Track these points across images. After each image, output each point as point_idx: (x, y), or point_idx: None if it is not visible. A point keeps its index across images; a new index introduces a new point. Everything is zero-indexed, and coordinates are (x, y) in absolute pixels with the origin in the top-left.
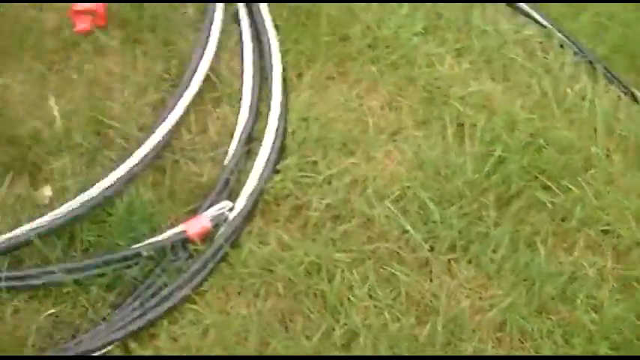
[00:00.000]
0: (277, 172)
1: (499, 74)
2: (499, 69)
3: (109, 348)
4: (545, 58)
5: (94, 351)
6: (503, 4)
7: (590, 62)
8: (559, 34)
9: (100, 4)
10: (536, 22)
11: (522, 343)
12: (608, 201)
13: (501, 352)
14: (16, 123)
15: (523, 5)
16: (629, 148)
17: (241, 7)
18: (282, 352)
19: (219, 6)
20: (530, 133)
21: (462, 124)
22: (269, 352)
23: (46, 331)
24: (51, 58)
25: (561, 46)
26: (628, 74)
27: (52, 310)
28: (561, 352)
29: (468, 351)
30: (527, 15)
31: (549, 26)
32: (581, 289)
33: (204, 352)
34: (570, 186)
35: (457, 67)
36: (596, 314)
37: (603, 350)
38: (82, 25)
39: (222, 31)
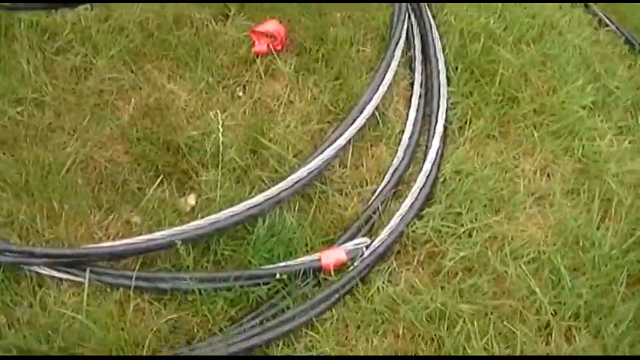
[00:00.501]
0: (421, 217)
1: None
2: None
3: None
4: None
5: None
6: None
7: None
8: None
9: (282, 29)
10: None
11: None
12: None
13: None
14: (175, 130)
15: None
16: None
17: (417, 56)
18: None
19: (398, 51)
20: None
21: (610, 200)
22: None
23: (163, 333)
24: (222, 73)
25: None
26: None
27: (174, 315)
28: None
29: None
30: None
31: None
32: None
33: None
34: None
35: (617, 144)
36: None
37: None
38: (261, 46)
39: (396, 75)
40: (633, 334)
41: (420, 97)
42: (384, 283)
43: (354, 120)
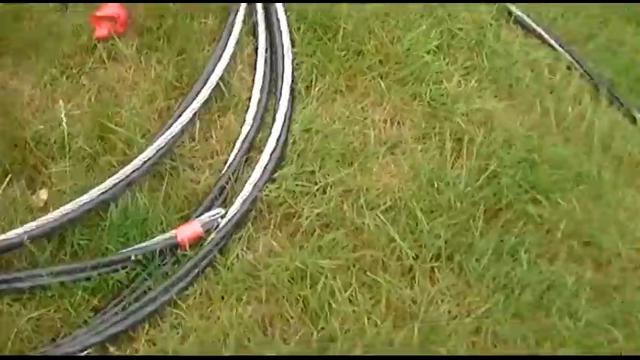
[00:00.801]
0: (273, 180)
1: (504, 93)
2: (504, 88)
3: (89, 351)
4: (551, 79)
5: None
6: (517, 26)
7: (595, 84)
8: (568, 57)
9: (122, 11)
10: (548, 44)
11: (496, 346)
12: (594, 215)
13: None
14: (22, 125)
15: (536, 28)
16: (622, 166)
17: (260, 21)
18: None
19: (239, 18)
20: (527, 150)
21: (461, 139)
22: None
23: (26, 334)
24: (65, 63)
25: (568, 68)
26: (630, 97)
27: (35, 314)
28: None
29: (442, 353)
30: (540, 37)
31: (559, 49)
32: (559, 297)
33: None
34: (559, 200)
35: (464, 84)
36: (570, 320)
37: (573, 353)
38: (102, 31)
39: (239, 43)
40: (495, 267)
41: (265, 62)
42: (242, 250)
43: (198, 93)
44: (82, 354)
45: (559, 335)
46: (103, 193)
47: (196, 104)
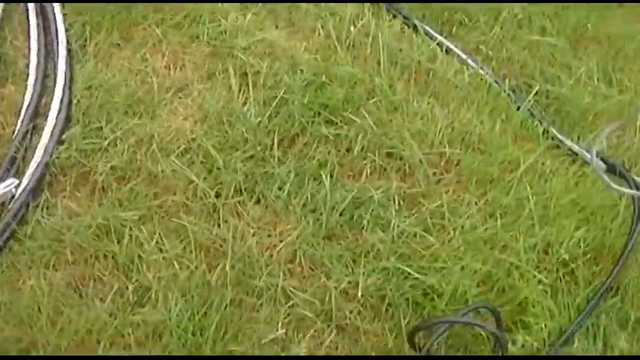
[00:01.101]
0: (62, 142)
1: (283, 22)
2: (284, 17)
3: None
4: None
5: None
6: None
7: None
8: None
9: None
10: None
11: (313, 270)
12: (391, 127)
13: (293, 283)
14: None
15: None
16: (412, 76)
17: None
18: (75, 319)
19: None
20: (313, 73)
21: (246, 73)
22: (63, 321)
23: None
24: None
25: None
26: (412, 9)
27: None
28: (350, 273)
29: (260, 286)
30: None
31: None
32: (368, 211)
33: None
34: (353, 117)
35: (241, 19)
36: (384, 233)
37: (391, 264)
38: None
39: (6, 12)
40: (299, 193)
41: (37, 26)
42: (42, 217)
43: None
44: None
45: (374, 249)
46: None
47: None
